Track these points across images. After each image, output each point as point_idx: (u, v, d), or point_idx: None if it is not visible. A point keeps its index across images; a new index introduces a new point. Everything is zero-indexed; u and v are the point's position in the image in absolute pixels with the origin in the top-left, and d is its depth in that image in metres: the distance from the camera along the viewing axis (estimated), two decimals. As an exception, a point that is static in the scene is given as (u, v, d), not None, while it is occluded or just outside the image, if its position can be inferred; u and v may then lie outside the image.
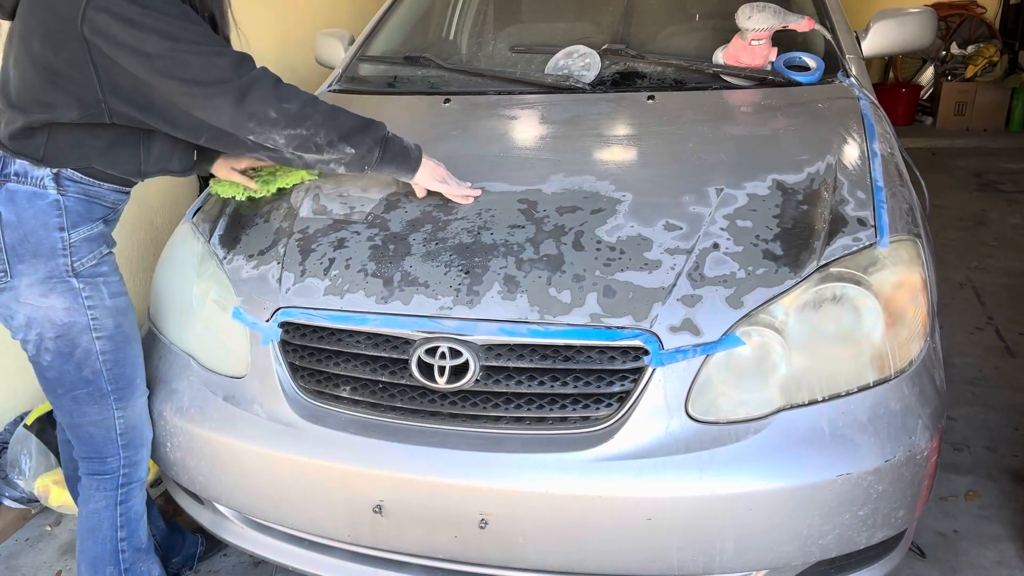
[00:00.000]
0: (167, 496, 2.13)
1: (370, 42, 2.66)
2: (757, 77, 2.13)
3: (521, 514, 1.35)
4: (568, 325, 1.38)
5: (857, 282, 1.42)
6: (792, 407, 1.36)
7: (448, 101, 2.22)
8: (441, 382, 1.41)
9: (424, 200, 1.69)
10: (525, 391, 1.40)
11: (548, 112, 2.10)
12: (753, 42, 2.13)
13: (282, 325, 1.53)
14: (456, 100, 2.22)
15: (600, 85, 2.20)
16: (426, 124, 2.11)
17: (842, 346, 1.40)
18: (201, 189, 2.83)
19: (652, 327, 1.37)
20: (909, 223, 1.57)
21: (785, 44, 2.17)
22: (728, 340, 1.36)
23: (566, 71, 2.24)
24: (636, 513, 1.31)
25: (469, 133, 2.02)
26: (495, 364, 1.40)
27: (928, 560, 1.94)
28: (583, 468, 1.33)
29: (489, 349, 1.41)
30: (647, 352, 1.36)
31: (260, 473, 1.52)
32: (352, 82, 2.50)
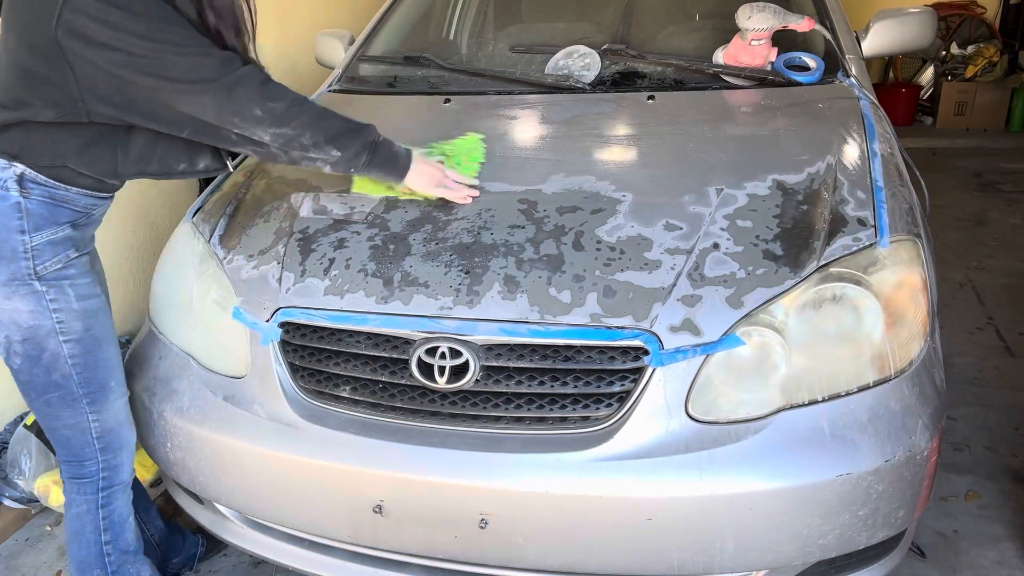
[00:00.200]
0: (167, 496, 2.13)
1: (370, 42, 2.66)
2: (757, 77, 2.13)
3: (521, 514, 1.35)
4: (568, 325, 1.38)
5: (857, 282, 1.42)
6: (792, 407, 1.36)
7: (448, 101, 2.21)
8: (441, 382, 1.41)
9: (424, 200, 1.69)
10: (525, 391, 1.40)
11: (548, 112, 2.10)
12: (753, 42, 2.13)
13: (282, 325, 1.53)
14: (456, 100, 2.22)
15: (600, 85, 2.20)
16: (426, 124, 2.11)
17: (842, 346, 1.40)
18: (201, 189, 2.83)
19: (652, 327, 1.37)
20: (909, 223, 1.57)
21: (785, 44, 2.17)
22: (728, 340, 1.36)
23: (566, 71, 2.24)
24: (636, 513, 1.31)
25: (469, 133, 2.02)
26: (495, 364, 1.40)
27: (928, 560, 1.94)
28: (583, 468, 1.33)
29: (489, 349, 1.41)
30: (647, 352, 1.36)
31: (260, 473, 1.52)
32: (352, 82, 2.50)
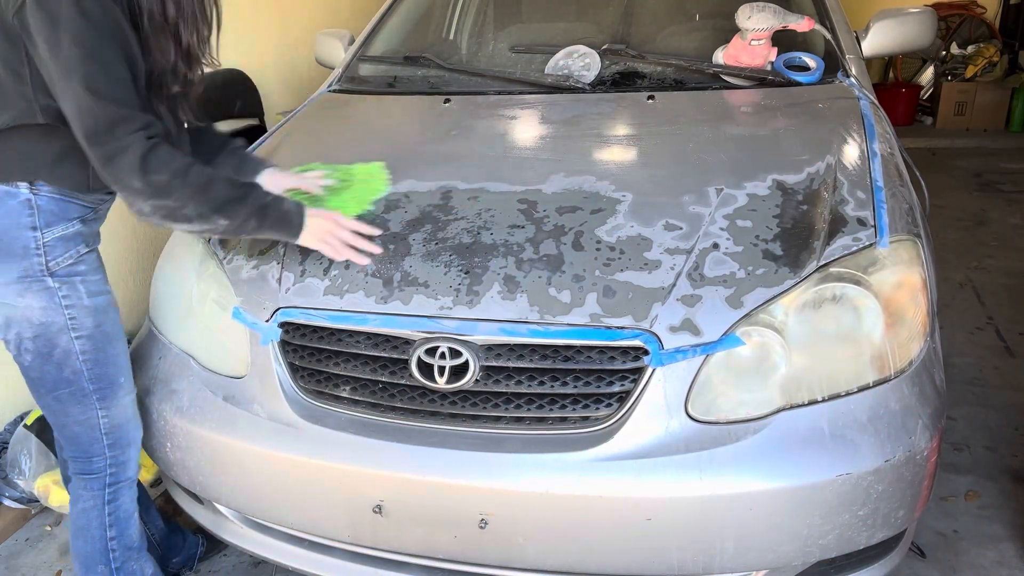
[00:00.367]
0: (167, 496, 2.13)
1: (370, 42, 2.66)
2: (757, 77, 2.13)
3: (521, 514, 1.35)
4: (568, 325, 1.38)
5: (857, 282, 1.42)
6: (792, 407, 1.35)
7: (448, 101, 2.21)
8: (441, 382, 1.41)
9: (424, 200, 1.69)
10: (525, 391, 1.40)
11: (548, 112, 2.10)
12: (753, 42, 2.13)
13: (282, 325, 1.53)
14: (456, 100, 2.22)
15: (600, 85, 2.20)
16: (426, 124, 2.11)
17: (842, 346, 1.40)
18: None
19: (652, 327, 1.37)
20: (909, 223, 1.57)
21: (785, 44, 2.17)
22: (728, 340, 1.36)
23: (566, 71, 2.24)
24: (636, 513, 1.31)
25: (469, 133, 2.02)
26: (495, 364, 1.40)
27: (928, 560, 1.94)
28: (583, 468, 1.33)
29: (489, 349, 1.41)
30: (647, 352, 1.36)
31: (260, 473, 1.52)
32: (352, 82, 2.50)
